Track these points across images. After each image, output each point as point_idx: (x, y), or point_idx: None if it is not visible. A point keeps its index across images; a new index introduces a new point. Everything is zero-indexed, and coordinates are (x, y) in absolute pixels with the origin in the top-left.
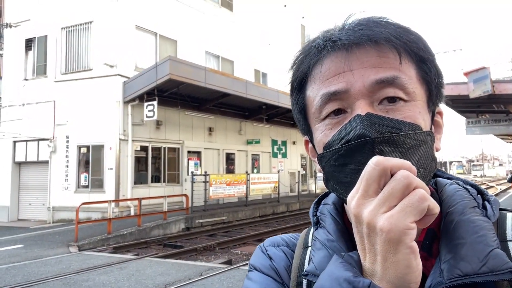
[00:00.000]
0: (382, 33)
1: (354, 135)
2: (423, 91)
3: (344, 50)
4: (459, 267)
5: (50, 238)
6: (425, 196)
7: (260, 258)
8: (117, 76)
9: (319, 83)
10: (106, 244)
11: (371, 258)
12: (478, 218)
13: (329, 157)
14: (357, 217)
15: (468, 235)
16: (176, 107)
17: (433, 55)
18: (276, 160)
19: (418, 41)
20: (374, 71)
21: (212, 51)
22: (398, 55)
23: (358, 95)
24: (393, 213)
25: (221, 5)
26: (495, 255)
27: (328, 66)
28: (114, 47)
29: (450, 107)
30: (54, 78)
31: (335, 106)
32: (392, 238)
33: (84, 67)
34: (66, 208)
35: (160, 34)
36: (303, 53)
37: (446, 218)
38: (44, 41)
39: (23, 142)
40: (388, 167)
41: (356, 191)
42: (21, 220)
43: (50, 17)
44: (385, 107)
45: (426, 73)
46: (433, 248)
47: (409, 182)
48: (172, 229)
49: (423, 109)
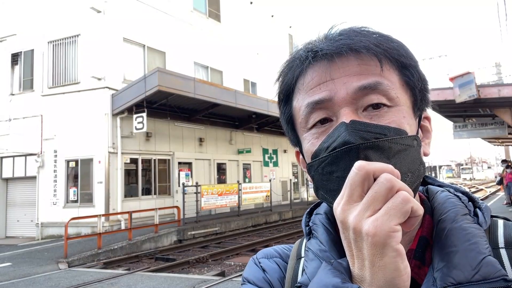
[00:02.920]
0: (362, 41)
1: (339, 142)
2: (407, 96)
3: (326, 60)
4: (452, 275)
5: (38, 255)
6: (408, 198)
7: (253, 270)
8: (105, 88)
9: (303, 94)
10: (96, 259)
11: (360, 263)
12: (470, 225)
13: (317, 166)
14: (343, 223)
15: (460, 242)
16: (166, 118)
17: (416, 61)
18: (267, 169)
19: (399, 48)
20: (356, 79)
21: (200, 62)
22: (379, 62)
23: (342, 102)
24: (377, 217)
25: (209, 16)
26: (487, 263)
27: (311, 76)
28: (101, 60)
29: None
30: (41, 92)
31: (320, 115)
32: (378, 241)
33: (72, 81)
34: (55, 224)
35: (148, 46)
36: (287, 65)
37: (438, 225)
38: (31, 55)
39: (10, 158)
40: (370, 171)
41: (341, 197)
42: (8, 237)
43: (37, 31)
44: (369, 114)
45: (409, 79)
46: (426, 256)
47: (391, 185)
48: (163, 242)
49: (407, 114)
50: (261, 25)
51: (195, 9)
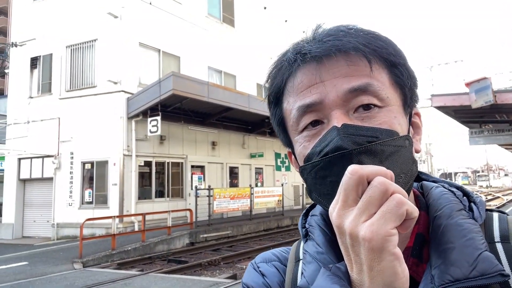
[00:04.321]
0: (351, 42)
1: (332, 148)
2: (397, 95)
3: (315, 62)
4: (450, 272)
5: (54, 255)
6: (402, 201)
7: (253, 275)
8: (121, 92)
9: (294, 96)
10: (110, 260)
11: (358, 268)
12: (466, 221)
13: (309, 169)
14: (339, 228)
15: (457, 239)
16: (180, 122)
17: (405, 58)
18: (279, 173)
19: (388, 46)
20: (346, 80)
21: (214, 66)
22: (368, 62)
23: (332, 105)
24: (373, 221)
25: (223, 21)
26: (484, 258)
27: (301, 79)
28: (118, 64)
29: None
30: (58, 96)
31: (311, 118)
32: (375, 246)
33: (89, 84)
34: (71, 225)
35: (163, 51)
36: (275, 67)
37: (434, 222)
38: (49, 59)
39: (28, 159)
40: (364, 175)
41: (336, 202)
42: (25, 237)
43: (55, 35)
44: (360, 115)
45: (398, 77)
46: (423, 253)
47: (385, 188)
48: (176, 244)
49: (398, 113)
50: (275, 29)
51: (210, 14)
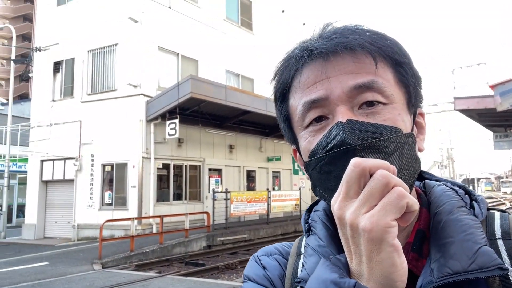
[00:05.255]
0: (357, 39)
1: (336, 143)
2: (401, 93)
3: (321, 59)
4: (449, 265)
5: (74, 256)
6: (403, 194)
7: (254, 268)
8: (140, 95)
9: (300, 92)
10: (129, 261)
11: (357, 259)
12: (466, 217)
13: (314, 164)
14: (340, 219)
15: (457, 233)
16: (197, 125)
17: (410, 58)
18: (297, 177)
19: (393, 45)
20: (351, 77)
21: (232, 70)
22: (374, 60)
23: (338, 101)
24: (374, 213)
25: (241, 25)
26: (483, 252)
27: (307, 75)
28: (137, 68)
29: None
30: (80, 99)
31: (316, 113)
32: (375, 237)
33: (109, 88)
34: (91, 226)
35: (181, 54)
36: (282, 64)
37: (435, 218)
38: (72, 63)
39: (50, 161)
40: (366, 167)
41: (338, 194)
42: (47, 237)
43: (77, 40)
44: (364, 111)
45: (403, 76)
46: (423, 248)
47: (387, 181)
48: (193, 246)
49: (402, 111)
50: (293, 32)
51: (228, 18)
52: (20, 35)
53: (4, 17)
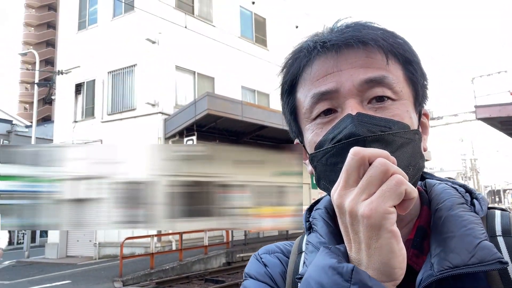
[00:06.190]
0: (370, 34)
1: (345, 134)
2: (410, 91)
3: (334, 51)
4: (449, 259)
5: (96, 274)
6: (402, 181)
7: (255, 265)
8: (158, 114)
9: (309, 84)
10: (149, 279)
11: (356, 247)
12: (466, 213)
13: (320, 156)
14: (340, 207)
15: (457, 228)
16: (214, 141)
17: (418, 57)
18: (316, 191)
19: (404, 44)
20: (362, 71)
21: (248, 86)
22: (385, 56)
23: (347, 94)
24: (372, 199)
25: (256, 42)
26: (483, 247)
27: (318, 67)
28: (155, 87)
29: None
30: (101, 119)
31: (325, 106)
32: (373, 223)
33: (128, 107)
34: (111, 244)
35: (198, 72)
36: (293, 55)
37: (435, 214)
38: (92, 85)
39: None
40: (366, 156)
41: (338, 183)
42: (69, 256)
43: (98, 62)
44: (374, 106)
45: (412, 74)
46: (424, 245)
47: (386, 168)
48: (213, 263)
49: (410, 108)
50: None
51: (243, 35)
52: (43, 60)
53: (28, 43)
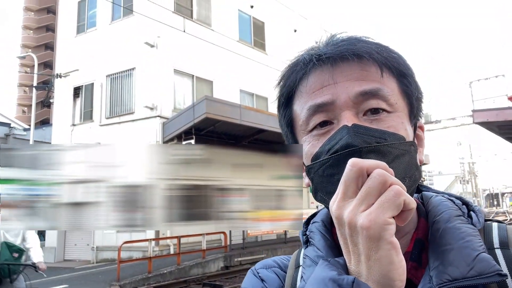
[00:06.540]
0: (364, 48)
1: (342, 145)
2: (404, 103)
3: (329, 64)
4: (448, 272)
5: (93, 278)
6: (400, 192)
7: (252, 281)
8: (157, 117)
9: (305, 96)
10: (146, 283)
11: (356, 259)
12: (464, 225)
13: (317, 168)
14: (339, 219)
15: (455, 241)
16: (213, 144)
17: (413, 72)
18: None
19: (398, 57)
20: (357, 84)
21: (246, 89)
22: (380, 68)
23: (343, 106)
24: (371, 210)
25: (254, 46)
26: (482, 259)
27: (314, 79)
28: (154, 91)
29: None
30: (99, 122)
31: (321, 117)
32: (373, 234)
33: (127, 111)
34: (109, 248)
35: (196, 76)
36: (289, 68)
37: (433, 226)
38: (91, 88)
39: None
40: (364, 167)
41: (337, 194)
42: (67, 260)
43: (96, 66)
44: (369, 118)
45: (406, 87)
46: (422, 258)
47: (384, 179)
48: (211, 267)
49: (405, 120)
50: None
51: (241, 39)
52: (42, 63)
53: (27, 46)
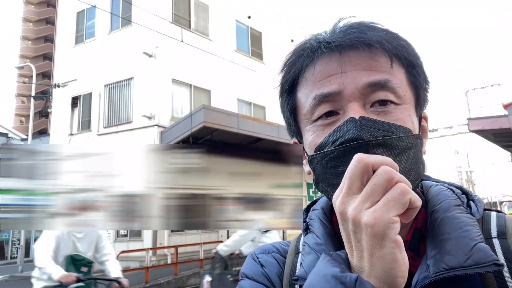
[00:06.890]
0: (375, 36)
1: (348, 138)
2: (412, 94)
3: (337, 52)
4: (445, 261)
5: None
6: (406, 190)
7: (252, 265)
8: (154, 126)
9: (311, 85)
10: None
11: (358, 254)
12: (463, 214)
13: (321, 158)
14: (343, 214)
15: (453, 230)
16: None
17: (421, 60)
18: None
19: (408, 46)
20: (366, 74)
21: (244, 98)
22: (390, 59)
23: (350, 97)
24: (376, 208)
25: (252, 55)
26: (479, 249)
27: (321, 67)
28: (152, 100)
29: (492, 141)
30: (97, 132)
31: (327, 107)
32: (377, 232)
33: (125, 120)
34: None
35: (194, 85)
36: (294, 54)
37: (432, 216)
38: (89, 98)
39: None
40: (370, 163)
41: (341, 189)
42: None
43: (95, 76)
44: (376, 110)
45: (415, 78)
46: (420, 247)
47: (390, 176)
48: None
49: (412, 112)
50: None
51: (239, 49)
52: (40, 73)
53: (25, 56)
